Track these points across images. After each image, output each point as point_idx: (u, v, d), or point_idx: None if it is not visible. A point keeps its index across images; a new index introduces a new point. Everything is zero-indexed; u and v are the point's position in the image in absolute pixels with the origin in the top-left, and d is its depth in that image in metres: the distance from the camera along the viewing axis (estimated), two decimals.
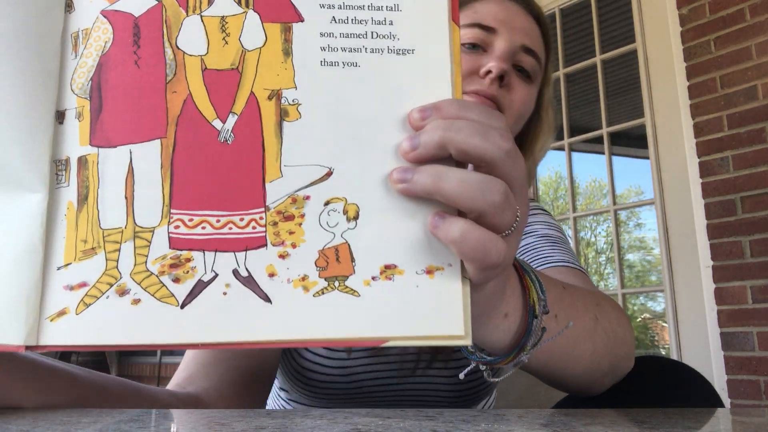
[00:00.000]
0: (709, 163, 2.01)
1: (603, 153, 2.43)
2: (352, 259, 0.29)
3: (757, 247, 1.86)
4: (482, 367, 0.42)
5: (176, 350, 4.91)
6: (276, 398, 0.77)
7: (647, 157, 2.22)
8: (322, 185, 0.30)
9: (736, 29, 2.00)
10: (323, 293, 0.29)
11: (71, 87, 0.30)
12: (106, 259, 0.29)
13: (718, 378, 1.89)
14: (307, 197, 0.29)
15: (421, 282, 0.29)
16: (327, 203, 0.30)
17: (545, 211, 0.76)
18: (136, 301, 0.28)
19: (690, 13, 2.11)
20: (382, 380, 0.66)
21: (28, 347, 0.28)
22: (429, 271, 0.30)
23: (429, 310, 0.29)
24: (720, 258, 1.94)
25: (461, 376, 0.44)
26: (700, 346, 1.97)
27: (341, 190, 0.30)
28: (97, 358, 4.81)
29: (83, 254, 0.29)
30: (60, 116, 0.30)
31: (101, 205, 0.29)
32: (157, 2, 0.31)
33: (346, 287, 0.29)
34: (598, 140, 2.44)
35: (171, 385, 0.54)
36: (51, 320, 0.28)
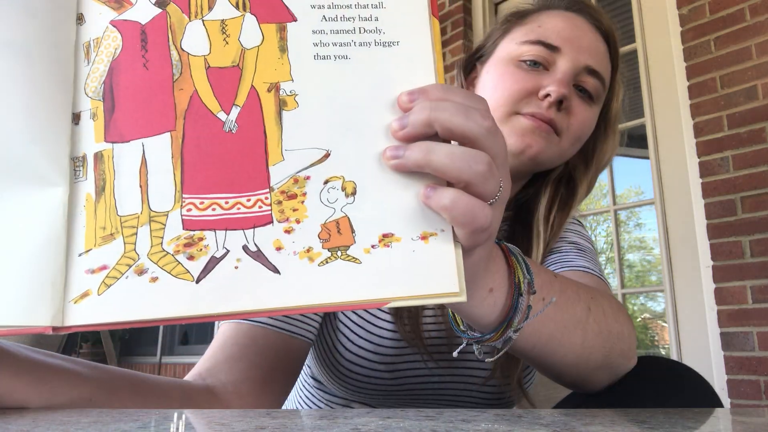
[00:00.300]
0: (709, 163, 2.01)
1: None
2: (353, 231, 0.32)
3: (757, 247, 1.86)
4: (476, 347, 0.43)
5: (176, 351, 4.91)
6: (301, 389, 0.77)
7: (647, 157, 2.21)
8: (321, 166, 0.32)
9: (736, 29, 2.00)
10: (327, 262, 0.31)
11: (85, 91, 0.33)
12: (124, 243, 0.31)
13: (718, 378, 1.89)
14: (308, 177, 0.32)
15: (416, 247, 0.32)
16: (326, 182, 0.32)
17: (579, 222, 0.77)
18: (154, 279, 0.30)
19: (690, 13, 2.11)
20: (425, 377, 0.66)
21: (54, 328, 0.30)
22: (423, 237, 0.32)
23: (426, 271, 0.32)
24: (720, 258, 1.94)
25: (454, 354, 0.45)
26: (700, 346, 1.97)
27: (339, 169, 0.32)
28: (97, 358, 4.81)
29: (102, 240, 0.31)
30: (76, 118, 0.33)
31: (118, 194, 0.32)
32: (161, 10, 0.33)
33: (348, 256, 0.31)
34: None
35: (192, 374, 0.54)
36: (75, 302, 0.30)
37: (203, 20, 0.33)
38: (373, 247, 0.31)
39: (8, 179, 0.31)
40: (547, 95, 0.63)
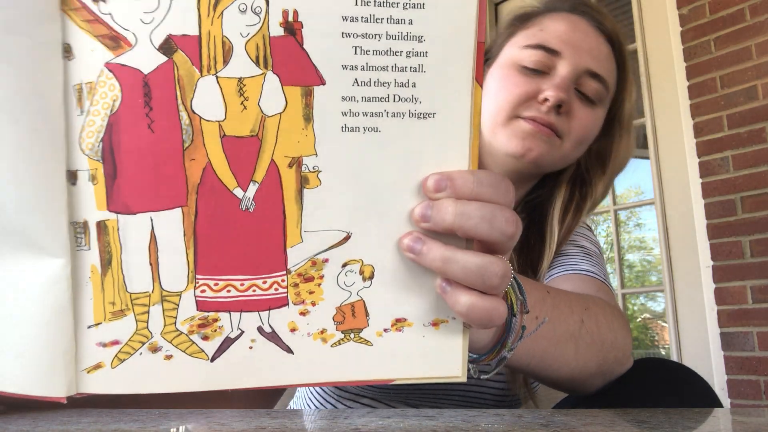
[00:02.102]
0: (709, 163, 2.01)
1: None
2: (367, 314, 0.31)
3: (757, 247, 1.86)
4: (471, 366, 0.42)
5: None
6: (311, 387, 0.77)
7: (647, 157, 2.21)
8: (340, 248, 0.31)
9: (736, 29, 1.99)
10: (340, 344, 0.31)
11: (81, 147, 0.29)
12: (136, 321, 0.30)
13: (718, 378, 1.89)
14: (326, 260, 0.31)
15: (427, 333, 0.32)
16: (345, 264, 0.31)
17: (588, 226, 0.77)
18: (169, 357, 0.30)
19: (690, 13, 2.11)
20: None
21: (69, 397, 0.29)
22: (435, 324, 0.32)
23: (433, 356, 0.32)
24: (720, 258, 1.94)
25: None
26: (700, 346, 1.97)
27: (358, 253, 0.31)
28: None
29: (113, 315, 0.30)
30: (72, 177, 0.29)
31: (126, 270, 0.29)
32: (167, 58, 0.29)
33: (361, 338, 0.31)
34: None
35: None
36: (88, 372, 0.29)
37: (217, 76, 0.29)
38: (385, 330, 0.32)
39: (3, 249, 0.28)
40: (546, 99, 0.64)
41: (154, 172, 0.29)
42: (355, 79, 0.30)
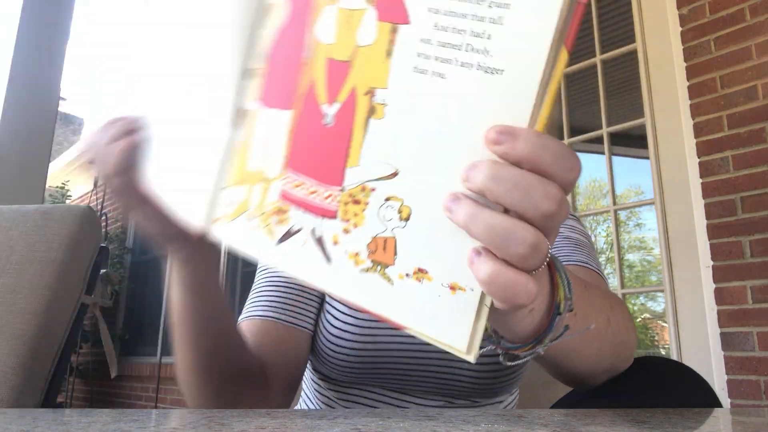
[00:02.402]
0: (709, 163, 2.01)
1: (603, 153, 2.43)
2: (395, 253, 0.33)
3: (757, 247, 1.86)
4: (500, 351, 0.42)
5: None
6: (310, 384, 0.80)
7: (647, 157, 2.21)
8: (387, 182, 0.33)
9: (736, 29, 2.00)
10: (367, 271, 0.33)
11: (258, 51, 0.38)
12: (246, 193, 0.38)
13: (718, 378, 1.89)
14: (373, 189, 0.34)
15: (442, 293, 0.32)
16: (387, 199, 0.33)
17: (575, 217, 0.76)
18: (254, 228, 0.37)
19: (690, 13, 2.11)
20: (408, 352, 0.67)
21: (204, 233, 0.39)
22: (452, 287, 0.32)
23: (442, 319, 0.32)
24: (720, 258, 1.94)
25: (472, 359, 0.45)
26: (700, 346, 1.97)
27: (401, 191, 0.33)
28: (98, 358, 4.81)
29: (236, 183, 0.38)
30: (246, 73, 0.39)
31: (251, 151, 0.38)
32: None
33: (385, 274, 0.33)
34: (598, 140, 2.44)
35: None
36: (215, 221, 0.39)
37: (338, 7, 0.35)
38: (406, 275, 0.32)
39: (196, 117, 0.41)
40: None
41: (284, 78, 0.37)
42: (436, 23, 0.31)
